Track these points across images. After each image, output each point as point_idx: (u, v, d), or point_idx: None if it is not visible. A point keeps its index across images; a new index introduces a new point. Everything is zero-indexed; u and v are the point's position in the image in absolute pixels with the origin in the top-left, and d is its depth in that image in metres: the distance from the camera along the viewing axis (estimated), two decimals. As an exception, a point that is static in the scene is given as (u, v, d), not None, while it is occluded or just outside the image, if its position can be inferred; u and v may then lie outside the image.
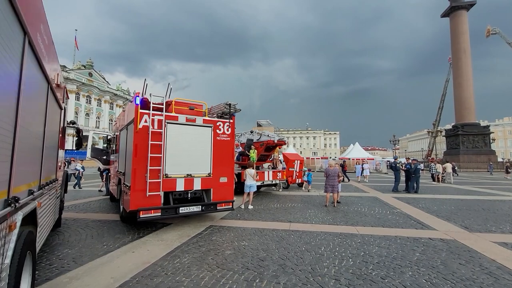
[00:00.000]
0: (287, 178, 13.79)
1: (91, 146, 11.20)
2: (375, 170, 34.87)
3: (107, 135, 11.69)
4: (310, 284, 3.47)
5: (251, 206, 8.88)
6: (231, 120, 7.11)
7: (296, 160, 14.25)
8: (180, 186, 6.11)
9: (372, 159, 37.25)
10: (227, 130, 6.98)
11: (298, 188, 14.86)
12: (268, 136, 13.14)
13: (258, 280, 3.57)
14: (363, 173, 19.99)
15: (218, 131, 6.81)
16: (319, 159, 45.03)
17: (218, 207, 6.59)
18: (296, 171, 14.20)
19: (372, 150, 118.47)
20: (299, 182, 14.62)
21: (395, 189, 13.76)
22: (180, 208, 5.98)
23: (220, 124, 6.87)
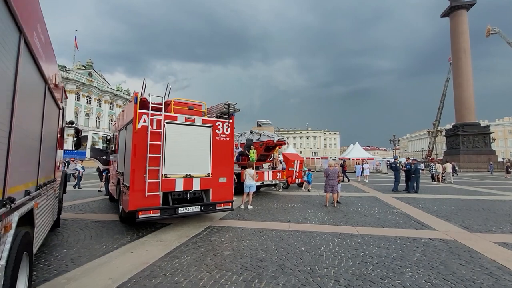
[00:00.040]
0: (286, 178, 13.79)
1: (91, 146, 11.18)
2: (375, 170, 34.85)
3: (107, 135, 11.67)
4: (309, 285, 3.45)
5: (250, 206, 8.87)
6: (231, 120, 7.09)
7: (295, 160, 14.24)
8: (179, 186, 6.10)
9: (372, 159, 37.25)
10: (227, 130, 6.97)
11: (298, 188, 14.85)
12: (268, 136, 13.12)
13: (257, 281, 3.55)
14: (363, 173, 19.98)
15: (217, 131, 6.79)
16: (319, 159, 45.05)
17: (218, 207, 6.57)
18: (296, 171, 14.19)
19: (372, 150, 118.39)
20: (299, 182, 14.62)
21: (395, 189, 13.75)
22: (179, 208, 5.96)
23: (219, 124, 6.85)
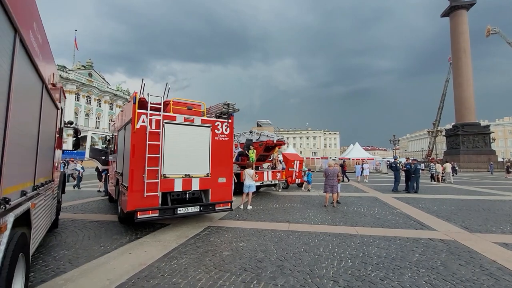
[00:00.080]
0: (286, 178, 13.77)
1: (90, 146, 11.16)
2: (375, 170, 34.82)
3: (106, 135, 11.65)
4: (308, 286, 3.43)
5: (250, 207, 8.85)
6: (230, 120, 7.07)
7: (295, 160, 14.22)
8: (178, 187, 6.07)
9: (372, 159, 37.20)
10: (226, 130, 6.95)
11: (297, 188, 14.83)
12: (268, 136, 13.10)
13: (255, 282, 3.53)
14: (363, 173, 19.94)
15: (216, 131, 6.77)
16: (319, 159, 45.02)
17: (217, 208, 6.55)
18: (295, 171, 14.17)
19: (372, 150, 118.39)
20: (299, 182, 14.60)
21: (395, 189, 13.73)
22: (178, 208, 5.93)
23: (218, 124, 6.83)
